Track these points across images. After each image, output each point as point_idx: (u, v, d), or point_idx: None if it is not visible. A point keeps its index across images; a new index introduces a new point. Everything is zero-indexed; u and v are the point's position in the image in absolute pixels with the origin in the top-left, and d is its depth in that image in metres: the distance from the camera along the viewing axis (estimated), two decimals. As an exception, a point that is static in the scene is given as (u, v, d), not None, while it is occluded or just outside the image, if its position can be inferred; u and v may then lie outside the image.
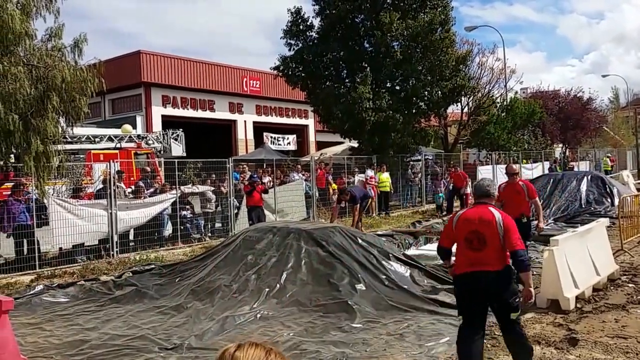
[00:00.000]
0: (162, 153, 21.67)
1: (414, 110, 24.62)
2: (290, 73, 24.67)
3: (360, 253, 9.20)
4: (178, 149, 22.41)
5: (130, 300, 9.01)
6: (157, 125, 31.20)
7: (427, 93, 24.18)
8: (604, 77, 64.32)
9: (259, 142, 34.61)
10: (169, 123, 29.56)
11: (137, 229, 14.32)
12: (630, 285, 8.98)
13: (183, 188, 15.53)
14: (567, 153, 40.76)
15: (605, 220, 10.62)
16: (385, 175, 21.61)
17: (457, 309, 5.65)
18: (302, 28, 24.63)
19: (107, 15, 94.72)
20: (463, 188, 21.02)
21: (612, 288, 8.88)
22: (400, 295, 8.34)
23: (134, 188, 15.56)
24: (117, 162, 15.05)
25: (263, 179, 17.91)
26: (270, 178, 18.86)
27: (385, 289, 8.49)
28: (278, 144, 33.72)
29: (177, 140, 22.64)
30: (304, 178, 20.04)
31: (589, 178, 18.83)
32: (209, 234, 16.25)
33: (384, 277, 8.80)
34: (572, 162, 35.57)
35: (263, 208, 16.24)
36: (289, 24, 24.56)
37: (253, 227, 11.42)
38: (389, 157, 23.51)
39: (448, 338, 6.69)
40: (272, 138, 33.76)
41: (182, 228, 15.17)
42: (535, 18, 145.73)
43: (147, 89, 32.06)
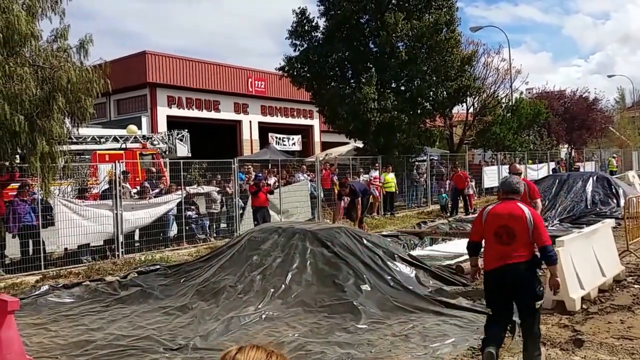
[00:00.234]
0: (167, 153, 21.69)
1: (419, 111, 24.58)
2: (296, 73, 24.66)
3: (366, 254, 9.18)
4: (183, 150, 22.43)
5: (136, 301, 9.01)
6: (162, 126, 31.22)
7: (432, 93, 24.16)
8: (610, 77, 64.22)
9: (264, 142, 34.59)
10: (174, 123, 29.59)
11: (142, 230, 14.34)
12: (636, 287, 8.95)
13: (188, 188, 15.56)
14: (572, 153, 40.64)
15: (611, 221, 10.59)
16: (391, 176, 21.59)
17: (485, 303, 5.95)
18: (307, 29, 24.62)
19: (111, 16, 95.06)
20: (465, 189, 20.99)
21: (617, 289, 8.85)
22: (406, 296, 8.32)
23: (140, 188, 15.58)
24: (122, 162, 15.08)
25: (268, 180, 17.91)
26: (276, 178, 18.87)
27: (391, 290, 8.48)
28: (283, 145, 33.71)
29: (182, 141, 22.66)
30: (309, 179, 20.05)
31: (595, 179, 18.76)
32: (214, 235, 16.27)
33: (389, 277, 8.79)
34: (577, 162, 35.45)
35: (268, 208, 16.26)
36: (294, 25, 24.55)
37: (258, 227, 11.42)
38: (394, 157, 23.49)
39: (453, 339, 6.68)
40: (277, 138, 33.74)
41: (187, 228, 15.19)
42: (541, 18, 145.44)
43: (152, 90, 32.09)
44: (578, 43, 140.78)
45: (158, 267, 11.22)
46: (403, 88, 24.38)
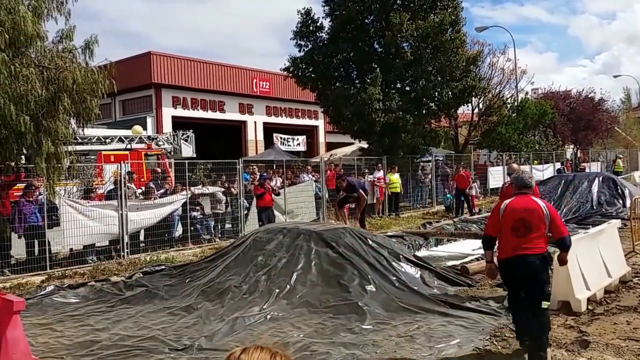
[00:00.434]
0: (172, 154, 21.70)
1: (424, 111, 24.53)
2: (300, 74, 24.64)
3: (371, 254, 9.18)
4: (188, 150, 22.43)
5: (141, 301, 9.02)
6: (167, 126, 31.26)
7: (437, 94, 24.11)
8: (616, 77, 63.72)
9: (269, 143, 34.59)
10: (179, 124, 29.61)
11: (147, 230, 14.37)
12: (643, 288, 8.91)
13: (193, 189, 15.57)
14: (578, 154, 40.53)
15: (617, 222, 10.55)
16: (396, 176, 21.57)
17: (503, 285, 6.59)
18: (312, 29, 24.60)
19: (116, 16, 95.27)
20: (467, 189, 20.94)
21: (623, 290, 8.81)
22: (411, 297, 8.31)
23: (145, 189, 15.61)
24: (127, 163, 15.11)
25: (273, 181, 17.91)
26: (281, 179, 18.87)
27: (396, 291, 8.47)
28: (288, 145, 33.67)
29: (187, 141, 22.66)
30: (314, 179, 20.03)
31: (601, 179, 18.72)
32: (219, 235, 16.28)
33: (394, 278, 8.78)
34: (583, 163, 35.34)
35: (273, 209, 16.26)
36: (299, 25, 24.54)
37: (263, 228, 11.42)
38: (399, 158, 23.45)
39: (458, 340, 6.67)
40: (282, 139, 33.70)
41: (192, 229, 15.21)
42: (547, 18, 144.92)
43: (157, 90, 32.13)
44: (584, 43, 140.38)
45: (163, 267, 11.24)
46: (408, 88, 24.32)
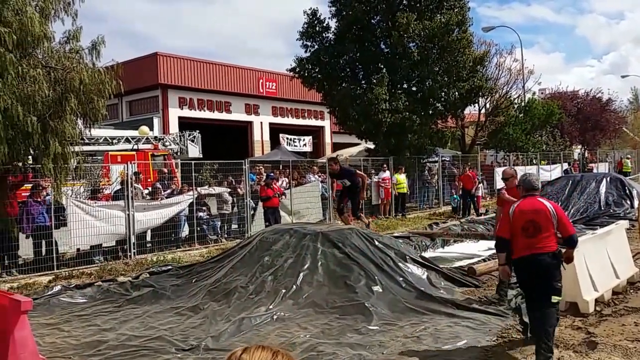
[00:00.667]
0: (178, 154, 21.75)
1: (431, 112, 24.47)
2: (307, 74, 24.61)
3: (377, 255, 9.16)
4: (194, 151, 22.48)
5: (148, 301, 9.04)
6: (174, 127, 31.34)
7: (444, 94, 24.04)
8: (624, 77, 63.40)
9: (275, 143, 34.62)
10: (186, 124, 29.70)
11: (154, 230, 14.39)
12: (651, 289, 8.86)
13: (200, 189, 15.58)
14: (586, 154, 40.35)
15: (625, 223, 10.49)
16: (403, 177, 21.53)
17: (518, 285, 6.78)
18: (318, 29, 24.59)
19: (123, 17, 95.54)
20: (472, 189, 20.87)
21: (631, 291, 8.76)
22: (417, 298, 8.29)
23: (151, 189, 15.64)
24: (134, 163, 15.15)
25: (280, 181, 17.91)
26: (287, 179, 18.86)
27: (402, 291, 8.45)
28: (294, 146, 33.69)
29: (193, 142, 22.71)
30: (320, 180, 20.01)
31: (608, 180, 18.61)
32: (226, 235, 16.28)
33: (401, 279, 8.76)
34: (591, 163, 35.18)
35: (279, 209, 16.26)
36: (305, 26, 24.53)
37: (270, 228, 11.41)
38: (406, 158, 23.41)
39: (465, 341, 6.65)
40: (288, 139, 33.73)
41: (198, 229, 15.22)
42: (554, 18, 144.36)
43: (164, 91, 32.22)
44: (591, 43, 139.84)
45: (170, 267, 11.26)
46: (414, 89, 24.27)
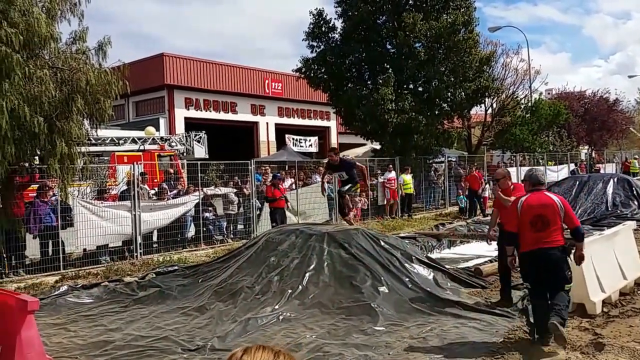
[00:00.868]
0: (185, 155, 21.80)
1: (437, 112, 24.45)
2: (313, 75, 24.63)
3: (383, 255, 9.14)
4: (201, 151, 22.52)
5: (154, 301, 9.05)
6: (180, 127, 31.37)
7: (450, 94, 24.01)
8: (631, 77, 63.03)
9: (281, 144, 34.61)
10: (192, 125, 29.73)
11: (160, 231, 14.42)
12: (659, 290, 8.81)
13: (206, 190, 15.61)
14: (593, 155, 40.21)
15: (632, 224, 10.44)
16: (409, 177, 21.49)
17: (525, 279, 6.73)
18: (324, 30, 24.60)
19: (129, 18, 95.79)
20: (479, 190, 20.80)
21: (639, 292, 8.71)
22: (424, 299, 8.26)
23: (158, 190, 15.66)
24: (140, 163, 15.18)
25: (285, 182, 17.91)
26: (293, 180, 18.86)
27: (408, 292, 8.43)
28: (300, 146, 33.66)
29: (199, 142, 22.76)
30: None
31: (616, 180, 18.52)
32: (232, 236, 16.31)
33: (407, 279, 8.73)
34: (598, 164, 35.05)
35: (285, 210, 16.26)
36: (311, 26, 24.54)
37: (276, 228, 11.41)
38: (412, 159, 23.39)
39: (472, 342, 6.62)
40: (294, 140, 33.70)
41: (204, 229, 15.25)
42: (560, 18, 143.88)
43: (170, 92, 32.26)
44: (598, 43, 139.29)
45: (176, 267, 11.26)
46: (421, 89, 24.26)
